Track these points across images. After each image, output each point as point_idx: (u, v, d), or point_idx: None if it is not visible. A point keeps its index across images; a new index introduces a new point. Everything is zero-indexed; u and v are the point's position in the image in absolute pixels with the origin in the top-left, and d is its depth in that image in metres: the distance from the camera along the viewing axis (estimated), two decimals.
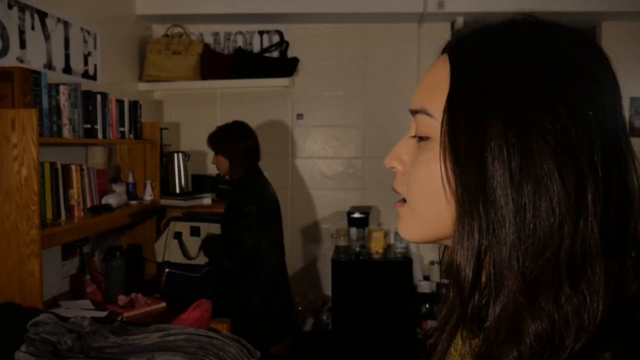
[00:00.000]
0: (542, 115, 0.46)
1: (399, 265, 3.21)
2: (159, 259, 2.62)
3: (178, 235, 2.57)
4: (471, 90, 0.49)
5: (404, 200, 0.57)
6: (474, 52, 0.51)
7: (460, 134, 0.49)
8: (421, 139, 0.54)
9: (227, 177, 2.61)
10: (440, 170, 0.51)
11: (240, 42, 3.58)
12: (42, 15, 2.32)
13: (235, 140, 2.52)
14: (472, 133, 0.48)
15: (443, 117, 0.51)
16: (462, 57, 0.52)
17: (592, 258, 0.45)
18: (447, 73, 0.53)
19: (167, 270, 2.53)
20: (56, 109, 2.05)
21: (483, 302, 0.49)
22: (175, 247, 2.57)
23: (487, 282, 0.48)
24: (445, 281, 0.63)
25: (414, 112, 0.56)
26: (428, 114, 0.53)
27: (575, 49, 0.50)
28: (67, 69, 2.52)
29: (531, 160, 0.46)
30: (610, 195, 0.46)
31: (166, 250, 2.58)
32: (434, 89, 0.53)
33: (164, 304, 2.33)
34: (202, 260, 2.54)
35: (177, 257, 2.56)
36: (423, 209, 0.54)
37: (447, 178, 0.50)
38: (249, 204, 2.40)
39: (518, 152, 0.46)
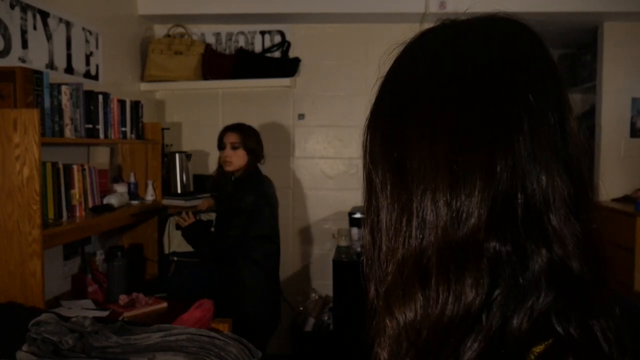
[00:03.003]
0: (402, 129, 0.49)
1: None
2: (166, 251, 2.74)
3: (179, 226, 2.65)
4: (371, 112, 0.54)
5: None
6: (385, 75, 0.56)
7: (366, 155, 0.55)
8: None
9: (234, 175, 2.64)
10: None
11: (241, 42, 3.58)
12: (44, 15, 2.32)
13: (260, 140, 2.66)
14: (366, 152, 0.53)
15: None
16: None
17: (437, 253, 0.45)
18: None
19: (175, 258, 2.68)
20: (58, 109, 2.05)
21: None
22: (179, 236, 2.66)
23: None
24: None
25: None
26: None
27: (469, 49, 0.51)
28: (69, 69, 2.53)
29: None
30: (466, 182, 0.44)
31: (171, 241, 2.70)
32: None
33: (165, 304, 2.33)
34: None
35: (182, 247, 2.69)
36: None
37: None
38: (249, 196, 2.49)
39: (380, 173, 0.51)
